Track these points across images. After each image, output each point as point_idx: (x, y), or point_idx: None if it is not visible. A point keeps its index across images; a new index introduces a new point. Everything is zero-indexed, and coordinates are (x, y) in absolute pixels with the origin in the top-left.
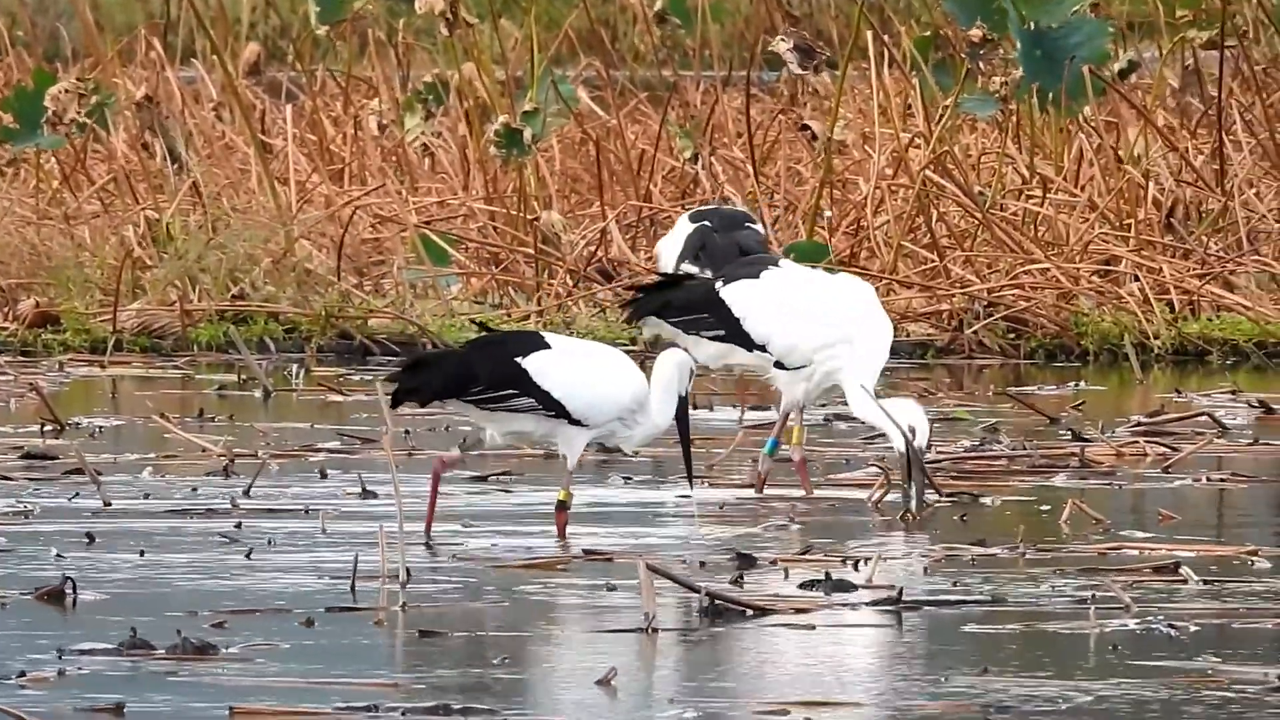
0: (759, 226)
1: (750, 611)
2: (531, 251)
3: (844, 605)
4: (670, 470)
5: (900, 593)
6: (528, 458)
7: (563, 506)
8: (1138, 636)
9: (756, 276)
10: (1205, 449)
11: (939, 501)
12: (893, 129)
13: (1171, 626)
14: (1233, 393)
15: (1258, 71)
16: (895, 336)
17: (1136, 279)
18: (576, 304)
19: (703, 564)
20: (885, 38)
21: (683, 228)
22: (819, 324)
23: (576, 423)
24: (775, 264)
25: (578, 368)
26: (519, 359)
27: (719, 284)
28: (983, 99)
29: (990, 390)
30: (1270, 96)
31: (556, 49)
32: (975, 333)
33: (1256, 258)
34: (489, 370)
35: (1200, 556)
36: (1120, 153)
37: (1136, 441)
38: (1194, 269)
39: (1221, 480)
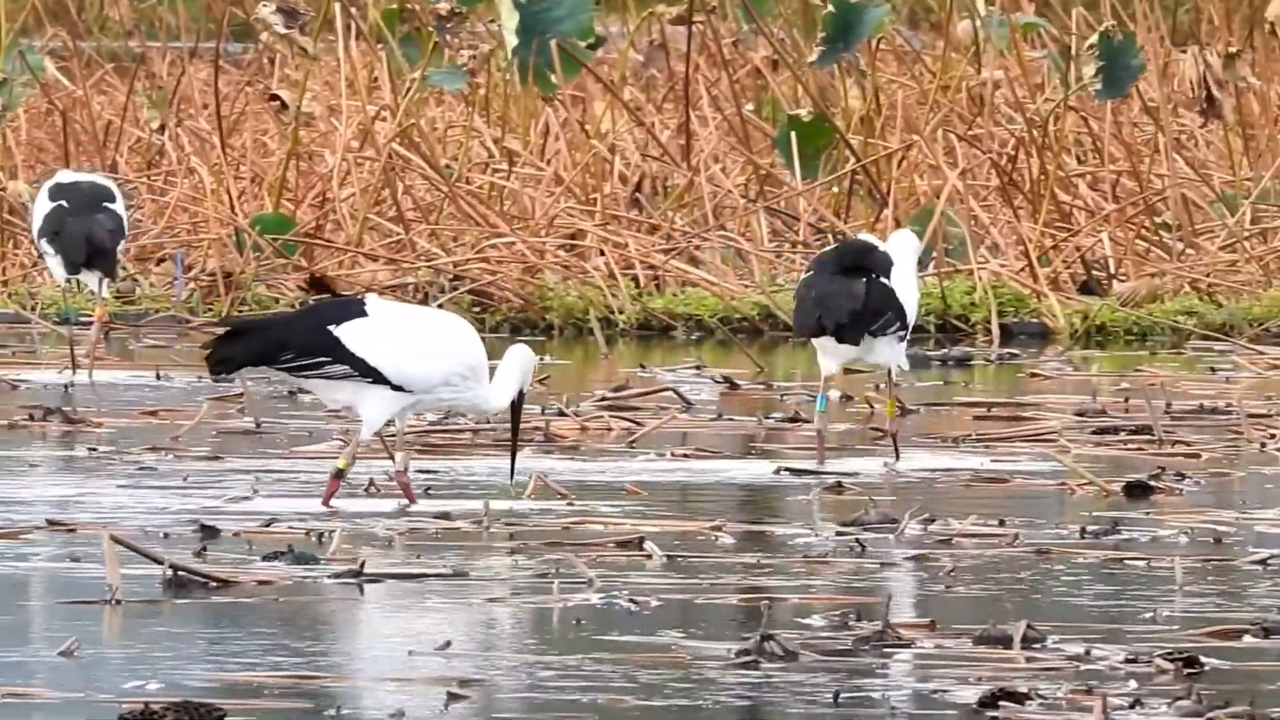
0: (119, 205)
1: (213, 584)
2: None
3: (307, 578)
4: (135, 440)
5: (363, 565)
6: None
7: (340, 475)
8: (600, 611)
9: (890, 265)
10: (670, 424)
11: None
12: (359, 101)
13: (633, 601)
14: (697, 368)
15: (724, 47)
16: None
17: (602, 253)
18: (41, 274)
19: (166, 535)
20: (352, 10)
21: (42, 202)
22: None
23: (397, 389)
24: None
25: (397, 333)
26: (331, 326)
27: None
28: (451, 72)
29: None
30: (736, 73)
31: (24, 19)
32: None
33: (722, 233)
34: (300, 338)
35: (664, 532)
36: (587, 127)
37: (601, 416)
38: (659, 244)
39: (685, 455)
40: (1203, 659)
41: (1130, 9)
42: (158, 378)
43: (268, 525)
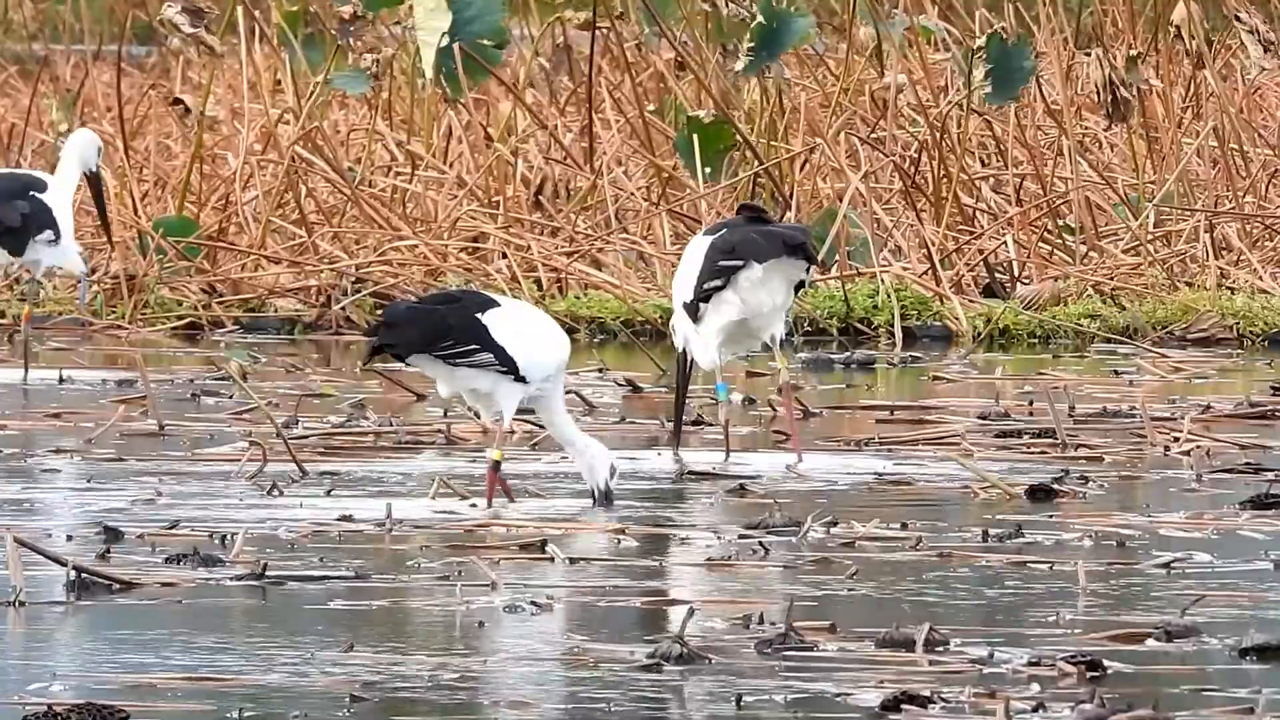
0: (50, 197)
1: (117, 586)
2: None
3: (211, 580)
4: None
5: (265, 568)
6: None
7: (496, 467)
8: (503, 614)
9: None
10: None
11: (305, 477)
12: (262, 104)
13: (535, 604)
14: (600, 371)
15: (628, 51)
16: (261, 313)
17: (504, 256)
18: None
19: (70, 538)
20: (255, 13)
21: None
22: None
23: (520, 380)
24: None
25: (525, 325)
26: (480, 315)
27: None
28: (354, 75)
29: (357, 366)
30: (639, 76)
31: None
32: (343, 309)
33: (624, 236)
34: (459, 325)
35: (568, 534)
36: (490, 130)
37: None
38: (562, 246)
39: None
40: (1106, 662)
41: (1034, 11)
42: (61, 380)
43: (171, 528)
